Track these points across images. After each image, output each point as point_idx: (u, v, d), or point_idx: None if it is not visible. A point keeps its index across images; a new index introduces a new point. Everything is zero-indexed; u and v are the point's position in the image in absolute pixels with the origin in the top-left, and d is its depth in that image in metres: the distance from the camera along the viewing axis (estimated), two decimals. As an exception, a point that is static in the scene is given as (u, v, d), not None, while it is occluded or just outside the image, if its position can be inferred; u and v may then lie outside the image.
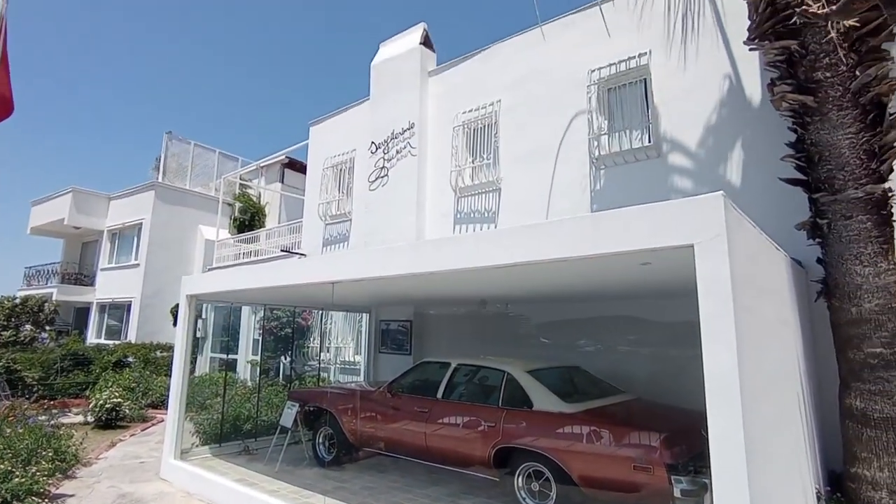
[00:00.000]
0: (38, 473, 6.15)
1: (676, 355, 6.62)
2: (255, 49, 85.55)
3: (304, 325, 11.41)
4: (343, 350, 11.47)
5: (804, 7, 3.35)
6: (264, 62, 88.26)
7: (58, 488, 6.70)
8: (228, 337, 13.78)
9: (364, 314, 10.66)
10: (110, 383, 12.08)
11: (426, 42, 11.06)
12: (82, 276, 21.70)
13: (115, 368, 14.56)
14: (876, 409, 4.71)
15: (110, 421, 10.53)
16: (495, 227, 9.32)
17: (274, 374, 12.29)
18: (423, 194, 10.49)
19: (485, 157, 9.74)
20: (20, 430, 7.90)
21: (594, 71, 8.37)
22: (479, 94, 10.00)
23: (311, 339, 11.65)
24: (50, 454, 7.05)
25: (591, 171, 8.52)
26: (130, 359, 15.27)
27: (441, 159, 10.44)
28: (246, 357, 13.36)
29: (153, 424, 11.07)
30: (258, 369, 12.08)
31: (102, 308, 20.51)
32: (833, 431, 5.16)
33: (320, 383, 10.57)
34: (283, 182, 22.14)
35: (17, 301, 11.01)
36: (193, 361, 16.15)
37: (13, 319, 10.52)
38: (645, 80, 8.00)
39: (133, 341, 17.17)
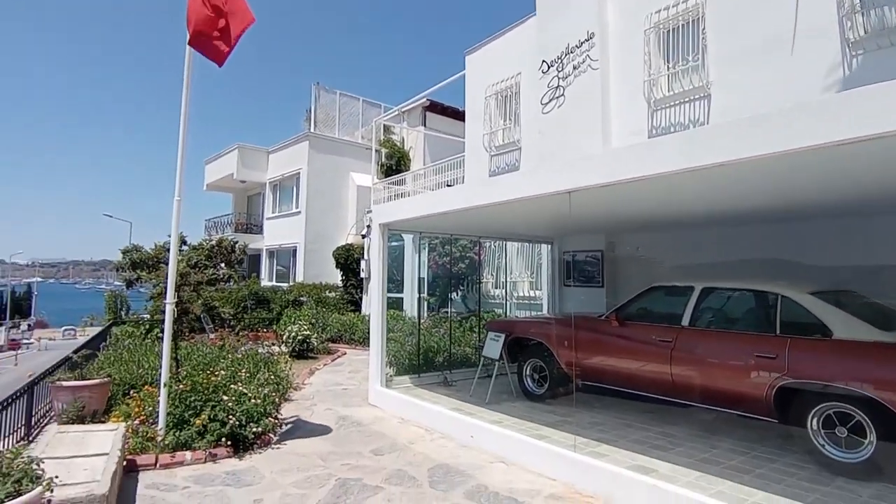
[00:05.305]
0: (268, 396, 6.36)
1: None
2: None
3: (476, 259, 11.07)
4: (519, 285, 10.99)
5: None
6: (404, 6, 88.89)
7: (280, 410, 6.99)
8: (398, 274, 13.98)
9: (544, 245, 10.00)
10: (293, 319, 12.87)
11: (608, -66, 9.59)
12: (251, 225, 23.67)
13: (292, 306, 15.65)
14: None
15: (302, 352, 11.18)
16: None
17: (445, 311, 12.23)
18: (608, 112, 9.36)
19: (689, 58, 8.31)
20: (239, 356, 8.50)
21: (858, -77, 6.51)
22: (680, -15, 8.46)
23: (485, 275, 11.31)
24: (272, 378, 7.42)
25: (844, 58, 6.84)
26: (304, 298, 16.32)
27: (628, 70, 9.18)
28: (413, 295, 13.50)
29: (339, 356, 11.60)
30: (428, 305, 12.08)
31: (271, 254, 22.29)
32: None
33: (495, 318, 10.23)
34: (424, 125, 21.94)
35: (213, 243, 11.90)
36: (359, 301, 16.90)
37: (212, 259, 11.29)
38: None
39: (302, 282, 18.36)
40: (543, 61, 10.39)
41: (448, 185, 13.60)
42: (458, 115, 21.15)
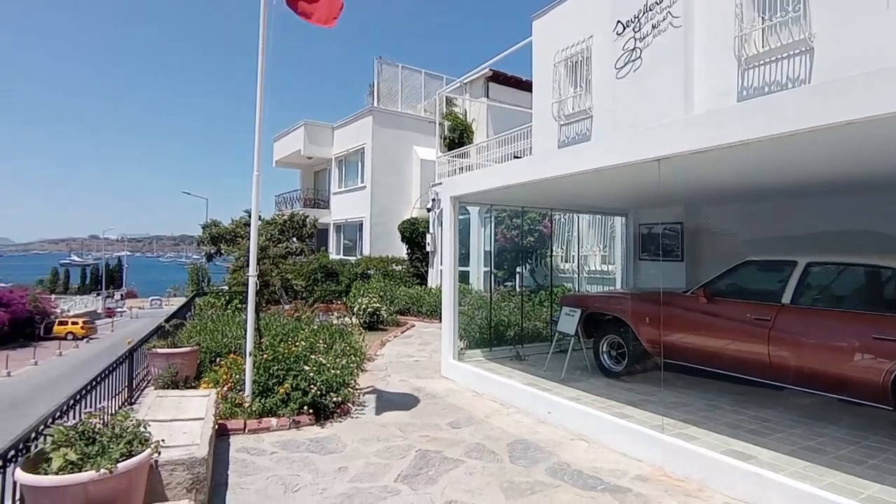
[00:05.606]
0: (346, 366, 6.48)
1: None
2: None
3: (545, 233, 10.79)
4: (590, 258, 10.65)
5: None
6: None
7: (357, 381, 7.11)
8: (463, 247, 13.94)
9: (617, 218, 9.59)
10: (362, 292, 13.13)
11: None
12: (319, 200, 24.31)
13: (360, 279, 16.00)
14: None
15: (372, 323, 11.42)
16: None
17: (511, 285, 12.08)
18: (691, 73, 8.71)
19: (789, 8, 7.53)
20: (315, 328, 8.76)
21: None
22: (781, -75, 7.63)
23: (555, 248, 11.03)
24: (348, 349, 7.60)
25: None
26: (371, 271, 16.63)
27: (715, 26, 8.47)
28: (479, 269, 13.43)
29: (408, 328, 11.77)
30: (495, 278, 11.95)
31: (338, 228, 22.85)
32: None
33: (566, 293, 9.97)
34: (487, 96, 21.49)
35: (286, 218, 12.26)
36: (425, 274, 17.03)
37: (284, 234, 11.64)
38: None
39: (370, 255, 18.71)
40: (618, 22, 9.77)
41: (516, 157, 13.26)
42: (523, 85, 20.53)
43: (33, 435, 3.21)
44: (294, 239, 12.19)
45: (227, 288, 15.05)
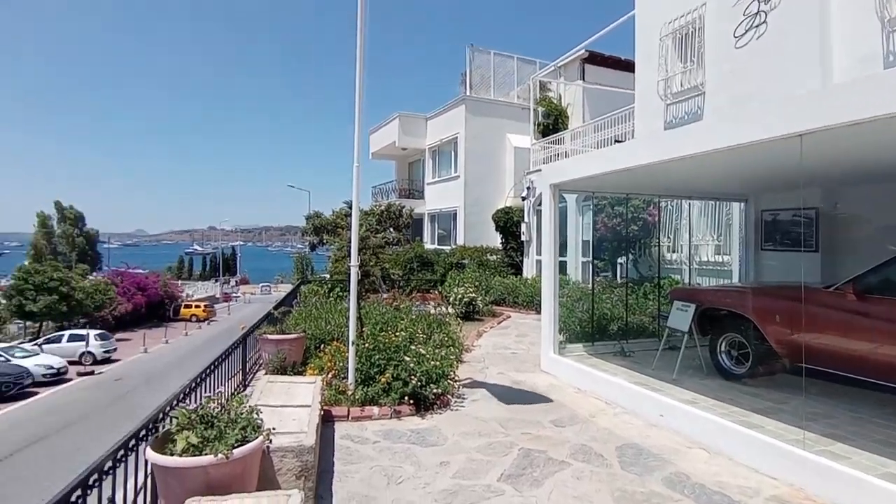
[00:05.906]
0: (446, 357, 6.39)
1: None
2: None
3: (651, 221, 10.08)
4: (701, 248, 9.80)
5: None
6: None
7: (455, 372, 6.96)
8: (560, 236, 13.50)
9: (734, 204, 8.70)
10: (457, 281, 13.10)
11: None
12: (413, 190, 24.73)
13: (455, 269, 16.03)
14: None
15: (468, 314, 11.35)
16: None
17: (610, 276, 11.47)
18: (828, 37, 7.64)
19: (961, -50, 6.32)
20: (413, 317, 8.83)
21: None
22: None
23: (661, 237, 10.27)
24: (446, 340, 7.55)
25: None
26: (465, 261, 16.61)
27: (860, -20, 7.32)
28: (577, 259, 12.91)
29: (504, 319, 11.58)
30: (594, 269, 11.40)
31: (432, 218, 23.11)
32: None
33: (673, 285, 9.24)
34: (583, 79, 20.56)
35: (382, 208, 12.48)
36: (520, 264, 16.72)
37: (382, 224, 11.82)
38: None
39: (464, 245, 18.71)
40: (739, -16, 8.80)
41: (617, 141, 12.53)
42: (621, 65, 19.38)
43: (160, 416, 3.42)
44: (391, 229, 12.39)
45: (328, 276, 15.75)
